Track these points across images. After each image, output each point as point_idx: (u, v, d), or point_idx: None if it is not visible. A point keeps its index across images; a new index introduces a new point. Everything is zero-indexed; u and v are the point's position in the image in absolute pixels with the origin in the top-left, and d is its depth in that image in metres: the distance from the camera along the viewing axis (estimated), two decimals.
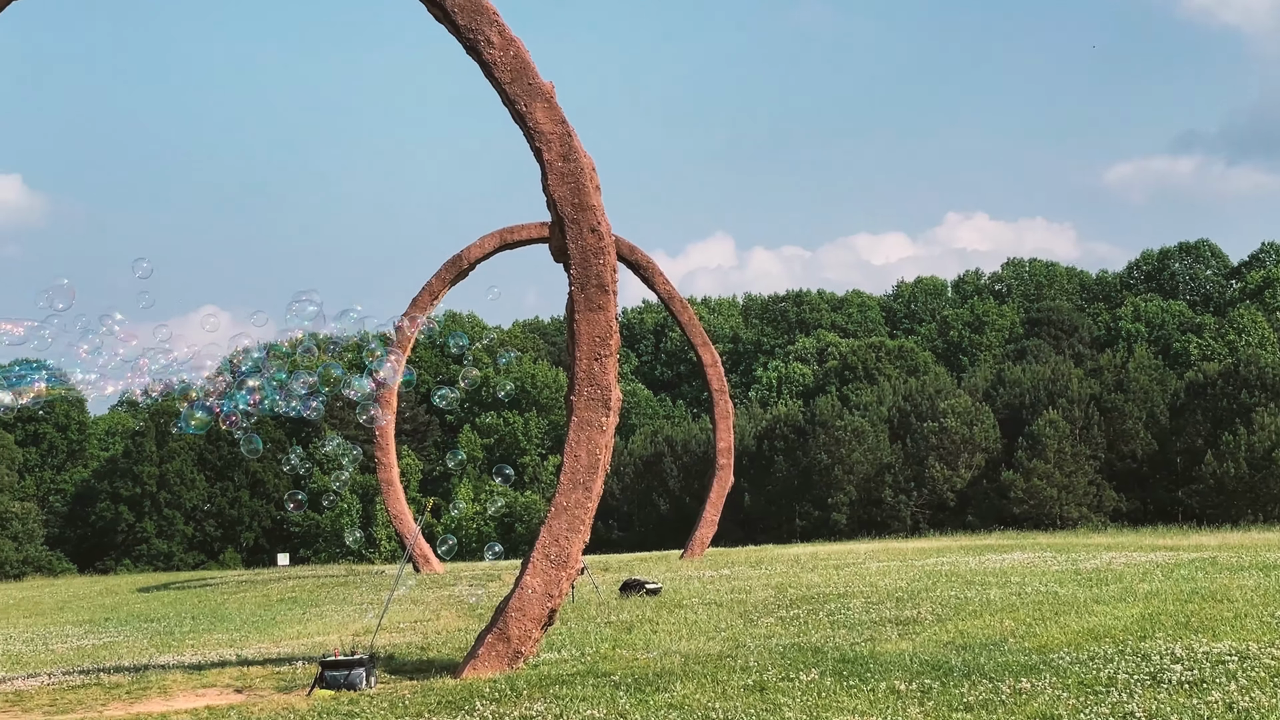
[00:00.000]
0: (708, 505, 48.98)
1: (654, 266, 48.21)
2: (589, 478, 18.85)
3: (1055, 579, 27.92)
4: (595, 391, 18.93)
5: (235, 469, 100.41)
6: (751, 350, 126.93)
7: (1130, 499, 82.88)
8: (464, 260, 46.77)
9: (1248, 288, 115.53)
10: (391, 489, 48.47)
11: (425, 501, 58.08)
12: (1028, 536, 56.55)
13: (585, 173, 19.01)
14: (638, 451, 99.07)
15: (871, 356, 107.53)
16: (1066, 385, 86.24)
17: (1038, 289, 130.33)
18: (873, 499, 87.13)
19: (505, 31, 18.89)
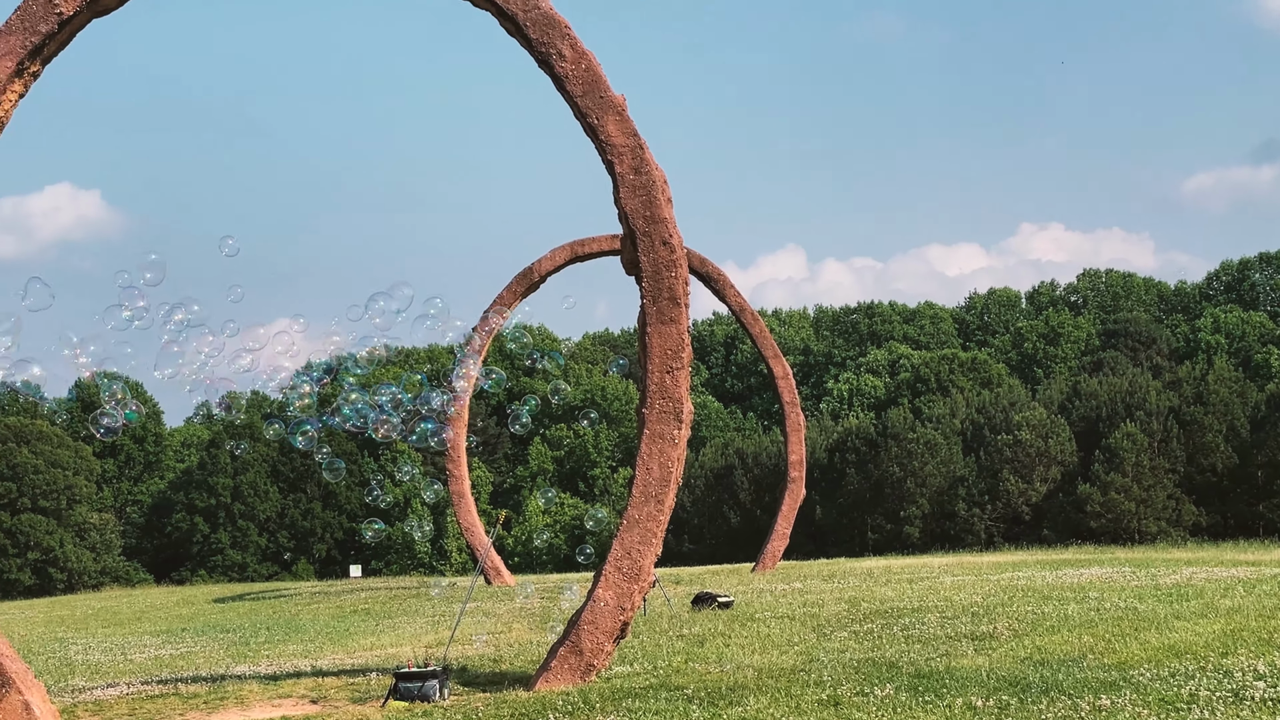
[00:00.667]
0: (779, 518, 48.78)
1: (725, 279, 48.13)
2: (661, 491, 18.80)
3: (1134, 594, 27.56)
4: (667, 404, 18.87)
5: (308, 480, 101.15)
6: (823, 362, 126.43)
7: (1210, 513, 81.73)
8: (535, 273, 46.92)
9: None
10: (463, 501, 48.65)
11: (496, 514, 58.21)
12: (1105, 551, 55.92)
13: (657, 185, 18.98)
14: (709, 464, 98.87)
15: (944, 368, 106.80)
16: (1144, 398, 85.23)
17: (1114, 300, 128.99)
18: (946, 512, 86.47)
19: (577, 45, 18.91)
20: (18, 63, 18.41)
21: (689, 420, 19.17)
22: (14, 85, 18.57)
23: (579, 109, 18.98)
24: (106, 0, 18.89)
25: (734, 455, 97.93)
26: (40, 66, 18.88)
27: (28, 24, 18.47)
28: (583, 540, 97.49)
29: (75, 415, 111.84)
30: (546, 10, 18.92)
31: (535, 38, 18.85)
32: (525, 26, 18.86)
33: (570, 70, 18.88)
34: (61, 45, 19.02)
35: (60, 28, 18.58)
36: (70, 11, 18.49)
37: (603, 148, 18.98)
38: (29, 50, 18.46)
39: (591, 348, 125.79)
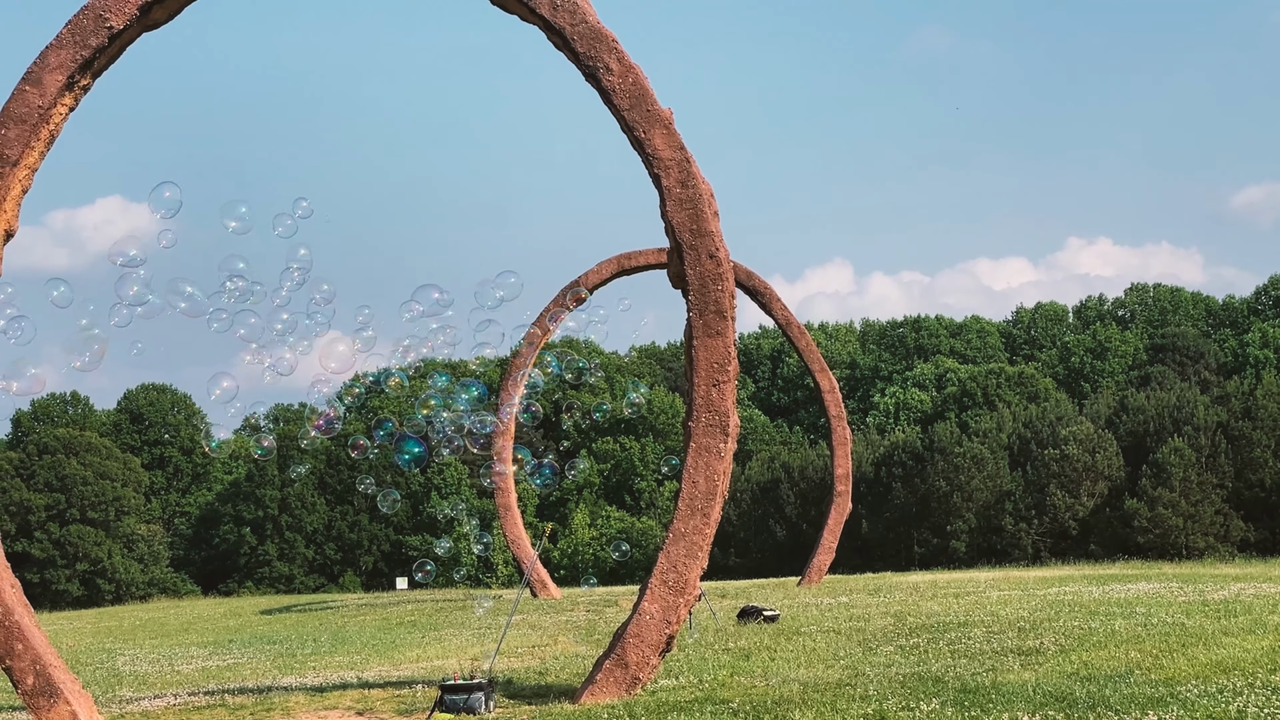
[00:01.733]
0: (825, 532, 48.69)
1: (771, 292, 48.13)
2: (707, 504, 18.82)
3: (1182, 610, 27.37)
4: (713, 418, 18.90)
5: (354, 493, 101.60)
6: (869, 376, 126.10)
7: (1259, 529, 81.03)
8: (582, 286, 47.02)
9: None
10: (509, 514, 48.79)
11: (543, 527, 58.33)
12: (1153, 566, 55.53)
13: (703, 199, 19.03)
14: (755, 477, 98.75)
15: (991, 383, 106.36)
16: (1192, 413, 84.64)
17: (1162, 314, 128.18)
18: (992, 526, 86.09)
19: (624, 58, 18.99)
20: (68, 76, 18.64)
21: (735, 433, 19.19)
22: (64, 98, 18.80)
23: (626, 122, 19.05)
24: (156, 15, 19.11)
25: (780, 469, 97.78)
26: (90, 80, 19.11)
27: (78, 38, 18.70)
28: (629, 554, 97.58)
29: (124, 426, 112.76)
30: (594, 24, 19.01)
31: (583, 51, 18.94)
32: (573, 40, 18.96)
33: (617, 84, 18.96)
34: (112, 59, 19.25)
35: (110, 41, 18.81)
36: (120, 25, 18.70)
37: (649, 161, 19.04)
38: (79, 64, 18.69)
39: (639, 361, 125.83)
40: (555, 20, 18.95)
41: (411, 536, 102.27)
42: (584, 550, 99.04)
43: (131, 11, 18.71)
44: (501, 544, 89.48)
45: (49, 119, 18.68)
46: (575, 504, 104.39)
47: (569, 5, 18.94)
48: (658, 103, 19.03)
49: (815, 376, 49.16)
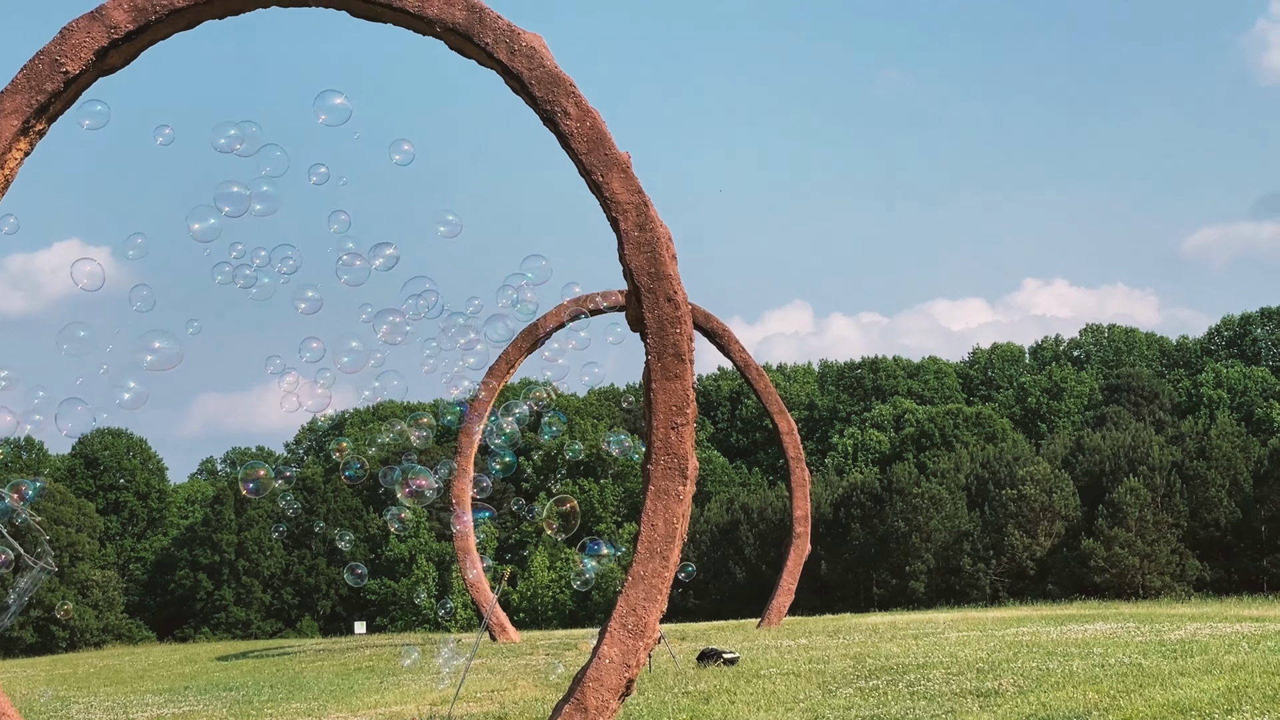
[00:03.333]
0: (785, 574, 48.67)
1: (730, 334, 48.24)
2: (666, 547, 18.81)
3: (1139, 650, 27.49)
4: (672, 460, 18.91)
5: (312, 537, 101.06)
6: (827, 417, 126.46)
7: (1214, 568, 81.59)
8: (540, 329, 47.03)
9: None
10: (468, 557, 48.58)
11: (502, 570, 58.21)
12: (1110, 606, 55.72)
13: (661, 242, 19.10)
14: (714, 519, 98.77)
15: (949, 423, 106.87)
16: (1147, 452, 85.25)
17: (1117, 355, 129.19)
18: (951, 567, 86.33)
19: (582, 102, 19.07)
20: (23, 121, 18.58)
21: (694, 476, 19.20)
22: (19, 144, 18.73)
23: (584, 166, 19.11)
24: (113, 60, 19.08)
25: (739, 510, 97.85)
26: (46, 125, 19.04)
27: (33, 82, 18.65)
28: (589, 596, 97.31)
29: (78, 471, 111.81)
30: (551, 69, 19.10)
31: (540, 96, 19.01)
32: (530, 85, 19.03)
33: (575, 128, 19.02)
34: (67, 104, 19.19)
35: (66, 87, 18.76)
36: (76, 71, 18.67)
37: (607, 205, 19.09)
38: (34, 109, 18.63)
39: (597, 403, 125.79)
40: (513, 65, 19.01)
41: (370, 580, 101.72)
42: (543, 593, 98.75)
43: (87, 57, 18.68)
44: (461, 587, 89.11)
45: (3, 164, 18.60)
46: (534, 547, 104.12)
47: (526, 50, 19.02)
48: (615, 147, 19.11)
49: (774, 418, 49.23)
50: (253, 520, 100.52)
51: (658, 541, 18.87)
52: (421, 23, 18.25)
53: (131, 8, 18.09)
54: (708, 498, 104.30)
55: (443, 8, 18.31)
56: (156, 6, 17.80)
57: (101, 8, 18.29)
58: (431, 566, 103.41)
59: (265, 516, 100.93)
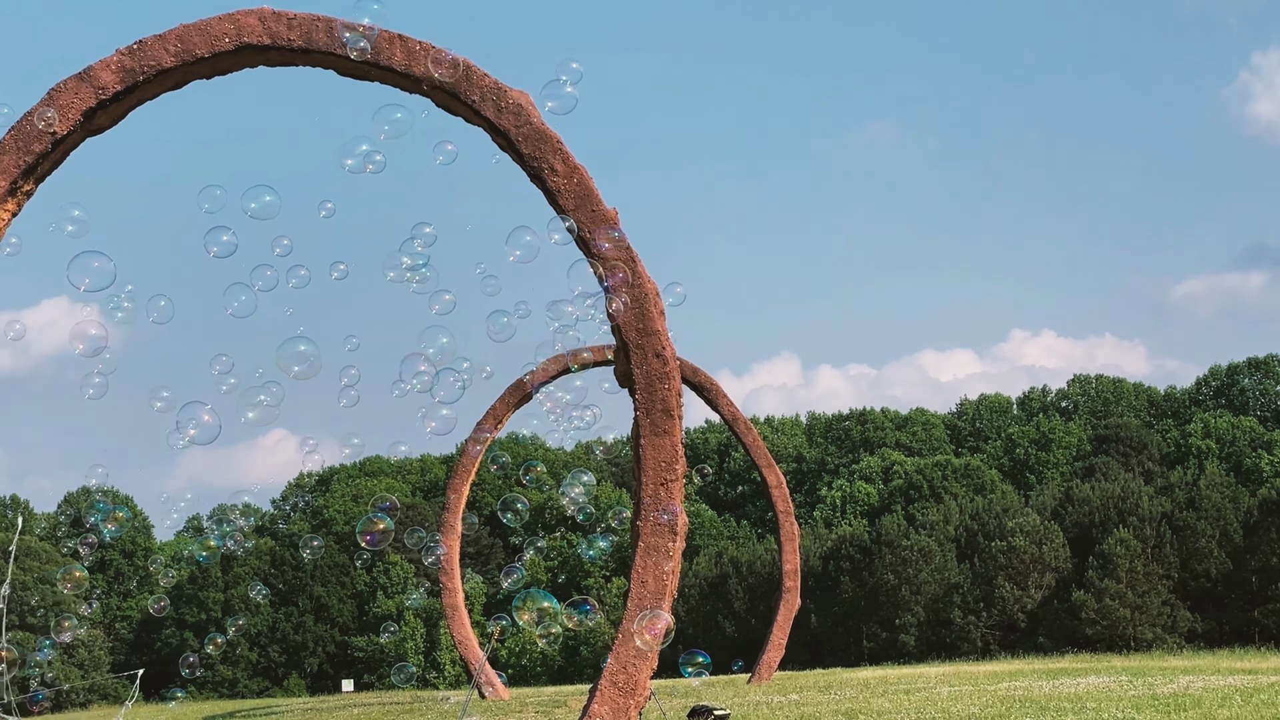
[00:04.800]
0: (775, 628, 48.47)
1: (718, 388, 48.21)
2: (656, 603, 18.70)
3: (1132, 704, 27.36)
4: (661, 517, 18.84)
5: (299, 594, 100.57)
6: (816, 470, 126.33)
7: (1205, 619, 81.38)
8: (527, 385, 46.95)
9: None
10: (456, 614, 48.30)
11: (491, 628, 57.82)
12: (1102, 659, 55.56)
13: (650, 298, 19.09)
14: (703, 573, 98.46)
15: (937, 475, 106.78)
16: (1137, 503, 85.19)
17: (1105, 406, 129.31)
18: (941, 620, 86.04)
19: (569, 159, 19.10)
20: (11, 182, 18.56)
21: (683, 532, 19.12)
22: (7, 204, 18.71)
23: None
24: (101, 120, 19.09)
25: (728, 564, 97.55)
26: (34, 185, 19.03)
27: (21, 144, 18.64)
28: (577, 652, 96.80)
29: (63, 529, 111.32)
30: (538, 126, 19.14)
31: (527, 153, 19.04)
32: (517, 142, 19.06)
33: (562, 185, 19.05)
34: (55, 164, 19.19)
35: (54, 147, 18.76)
36: (64, 131, 18.67)
37: (594, 260, 19.10)
38: (22, 169, 18.62)
39: (584, 457, 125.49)
40: (500, 123, 19.05)
41: (357, 637, 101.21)
42: (532, 649, 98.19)
43: (75, 118, 18.69)
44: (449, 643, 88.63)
45: None
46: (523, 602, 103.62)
47: (513, 108, 19.07)
48: (603, 202, 19.13)
49: (762, 472, 49.13)
50: (239, 578, 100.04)
51: (647, 598, 18.76)
52: (409, 81, 18.30)
53: (119, 69, 18.12)
54: (696, 551, 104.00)
55: (430, 66, 18.37)
56: (144, 67, 17.83)
57: (89, 69, 18.33)
58: (419, 623, 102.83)
59: (251, 574, 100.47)
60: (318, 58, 17.78)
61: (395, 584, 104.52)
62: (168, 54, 17.71)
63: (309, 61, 17.85)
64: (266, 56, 17.97)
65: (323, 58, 17.79)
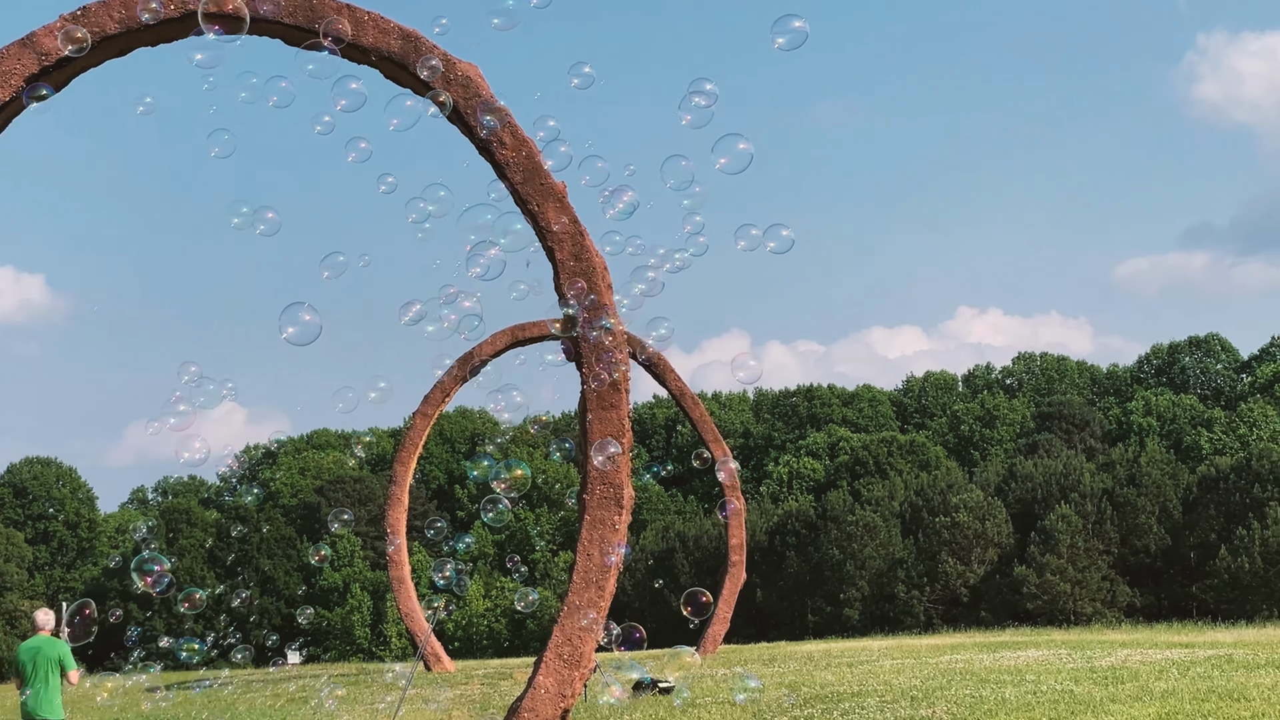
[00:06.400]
0: (720, 602, 48.71)
1: (665, 363, 48.32)
2: (601, 576, 18.80)
3: (1071, 677, 27.70)
4: (608, 490, 18.92)
5: (245, 566, 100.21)
6: (763, 445, 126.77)
7: (1144, 594, 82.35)
8: (475, 357, 46.91)
9: (1258, 382, 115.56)
10: (403, 586, 48.29)
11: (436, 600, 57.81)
12: (1042, 633, 56.13)
13: (597, 272, 19.14)
14: (649, 547, 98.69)
15: (883, 451, 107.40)
16: (1079, 480, 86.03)
17: (1048, 383, 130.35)
18: (885, 595, 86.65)
19: (518, 132, 19.10)
20: None
21: (630, 505, 19.21)
22: None
23: (519, 195, 19.13)
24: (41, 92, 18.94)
25: (675, 539, 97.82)
26: None
27: None
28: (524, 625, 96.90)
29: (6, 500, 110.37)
30: (487, 98, 19.11)
31: (476, 125, 19.02)
32: (466, 114, 19.04)
33: (511, 158, 19.05)
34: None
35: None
36: (6, 98, 18.52)
37: (543, 234, 19.12)
38: None
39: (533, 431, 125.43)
40: (449, 94, 19.02)
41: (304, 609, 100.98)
42: (478, 622, 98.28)
43: (18, 84, 18.54)
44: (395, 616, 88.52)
45: None
46: (469, 576, 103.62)
47: (462, 79, 19.04)
48: (551, 176, 19.14)
49: (709, 447, 49.30)
50: (185, 550, 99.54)
51: (593, 571, 18.86)
52: (356, 51, 18.23)
53: (64, 35, 17.98)
54: (643, 526, 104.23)
55: (378, 36, 18.31)
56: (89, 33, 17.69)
57: (32, 34, 18.17)
58: (366, 596, 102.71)
59: (196, 546, 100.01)
60: (264, 26, 17.69)
61: (342, 557, 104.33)
62: (112, 20, 17.58)
63: (255, 30, 17.75)
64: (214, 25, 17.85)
65: (269, 26, 17.71)
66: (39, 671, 18.02)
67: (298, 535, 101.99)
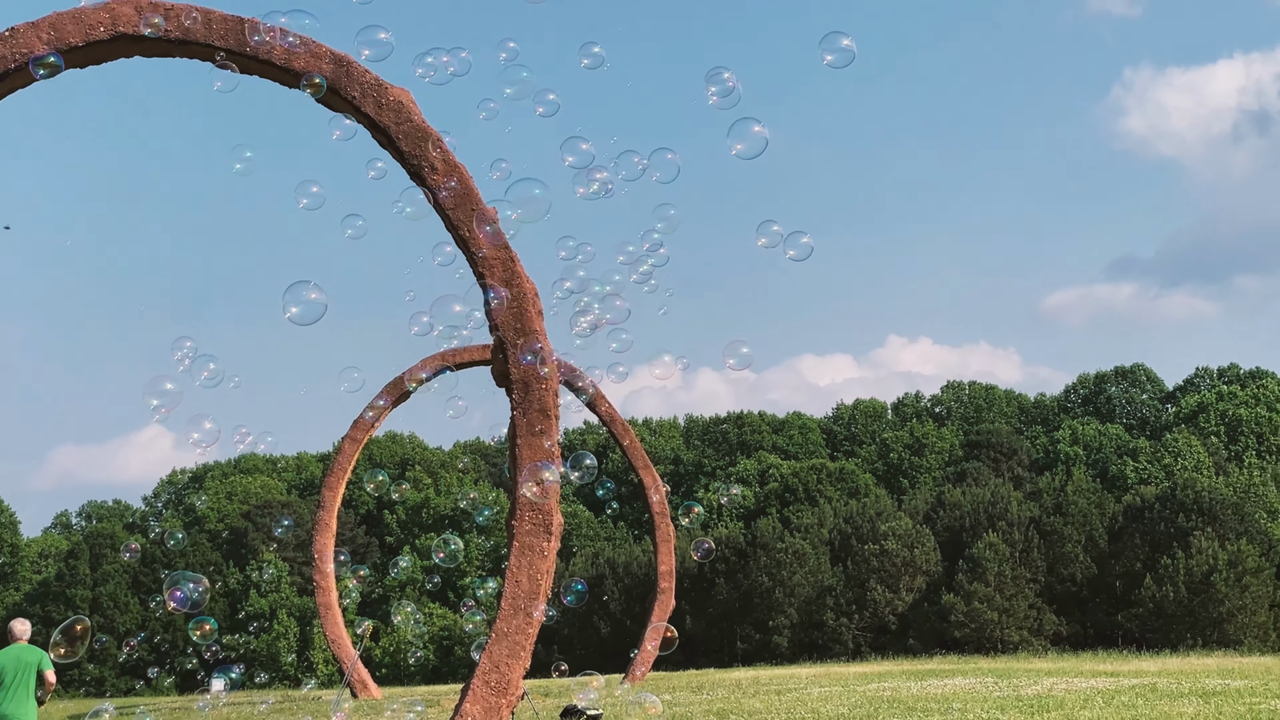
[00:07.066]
0: (649, 629, 48.63)
1: (596, 390, 48.31)
2: (530, 603, 18.74)
3: (997, 705, 27.86)
4: (537, 516, 18.88)
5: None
6: (693, 472, 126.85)
7: (1070, 623, 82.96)
8: (406, 382, 46.69)
9: (1182, 412, 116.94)
10: (330, 613, 47.92)
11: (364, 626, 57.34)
12: (969, 661, 56.45)
13: (528, 298, 19.13)
14: (579, 574, 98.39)
15: (812, 478, 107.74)
16: (1006, 508, 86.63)
17: (977, 412, 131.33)
18: (814, 622, 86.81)
19: (449, 157, 19.08)
20: None
21: (559, 532, 19.18)
22: None
23: (450, 221, 19.10)
24: None
25: (604, 565, 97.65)
26: None
27: None
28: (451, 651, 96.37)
29: None
30: (419, 123, 19.09)
31: (408, 150, 18.99)
32: (398, 139, 19.01)
33: (442, 183, 19.03)
34: None
35: None
36: None
37: (474, 260, 19.10)
38: None
39: (463, 456, 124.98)
40: (380, 119, 18.99)
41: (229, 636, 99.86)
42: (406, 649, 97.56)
43: None
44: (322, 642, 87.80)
45: None
46: (397, 601, 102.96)
47: (394, 104, 19.01)
48: (483, 202, 19.13)
49: (639, 473, 49.33)
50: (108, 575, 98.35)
51: (521, 598, 18.80)
52: (288, 75, 18.17)
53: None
54: (573, 552, 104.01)
55: (310, 61, 18.26)
56: (16, 54, 17.54)
57: None
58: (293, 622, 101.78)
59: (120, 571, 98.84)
60: (195, 49, 17.61)
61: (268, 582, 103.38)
62: (40, 41, 17.43)
63: (185, 53, 17.67)
64: (142, 46, 17.76)
65: (200, 49, 17.61)
66: (18, 677, 18.46)
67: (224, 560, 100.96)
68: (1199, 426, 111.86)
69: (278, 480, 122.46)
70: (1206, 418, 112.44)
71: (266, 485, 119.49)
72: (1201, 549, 78.10)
